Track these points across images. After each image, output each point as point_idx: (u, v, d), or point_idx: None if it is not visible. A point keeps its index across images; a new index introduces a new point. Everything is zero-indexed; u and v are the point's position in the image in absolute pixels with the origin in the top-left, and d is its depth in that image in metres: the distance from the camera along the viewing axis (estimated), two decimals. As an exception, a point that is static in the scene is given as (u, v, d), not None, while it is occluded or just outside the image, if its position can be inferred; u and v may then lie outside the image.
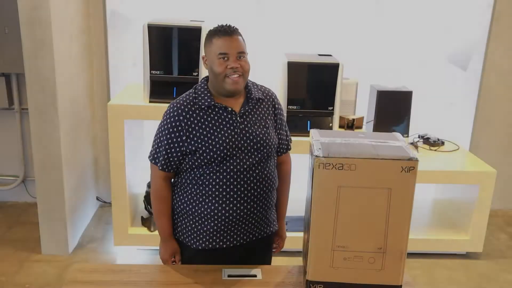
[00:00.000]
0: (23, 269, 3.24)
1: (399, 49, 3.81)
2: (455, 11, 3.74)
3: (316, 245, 1.71)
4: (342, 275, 1.73)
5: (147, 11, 3.64)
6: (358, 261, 1.71)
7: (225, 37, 1.84)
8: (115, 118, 3.11)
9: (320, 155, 1.61)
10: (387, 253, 1.70)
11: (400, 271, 1.72)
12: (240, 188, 1.90)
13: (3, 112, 3.92)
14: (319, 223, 1.69)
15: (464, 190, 3.53)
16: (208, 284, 1.87)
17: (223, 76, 1.85)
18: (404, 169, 1.61)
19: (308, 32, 3.73)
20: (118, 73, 3.78)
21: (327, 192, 1.65)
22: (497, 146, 4.21)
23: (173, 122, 1.88)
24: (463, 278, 3.34)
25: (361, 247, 1.70)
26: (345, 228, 1.68)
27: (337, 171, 1.62)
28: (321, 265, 1.73)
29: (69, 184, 3.36)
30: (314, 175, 1.63)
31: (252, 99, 1.94)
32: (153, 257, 3.42)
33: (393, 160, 1.61)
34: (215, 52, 1.84)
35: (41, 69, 3.06)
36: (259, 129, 1.93)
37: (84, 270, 1.95)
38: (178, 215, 2.01)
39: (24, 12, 2.96)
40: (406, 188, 1.63)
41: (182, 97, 1.94)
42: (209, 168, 1.89)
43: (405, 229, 1.68)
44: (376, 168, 1.62)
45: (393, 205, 1.65)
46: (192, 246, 1.99)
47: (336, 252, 1.71)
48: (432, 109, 3.95)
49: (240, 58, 1.85)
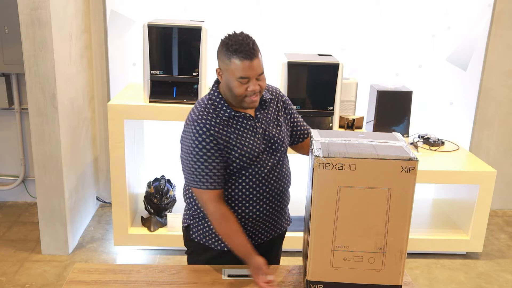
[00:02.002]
0: (23, 269, 3.24)
1: (399, 49, 3.81)
2: (455, 11, 3.74)
3: (316, 245, 1.71)
4: (342, 275, 1.73)
5: (147, 11, 3.64)
6: (358, 261, 1.71)
7: (246, 61, 1.78)
8: (115, 118, 3.11)
9: (320, 155, 1.61)
10: (387, 253, 1.70)
11: (400, 271, 1.72)
12: (265, 189, 1.94)
13: (3, 112, 3.92)
14: (319, 223, 1.69)
15: (464, 190, 3.53)
16: (208, 284, 1.87)
17: (242, 97, 1.84)
18: (404, 169, 1.61)
19: (308, 32, 3.73)
20: (118, 73, 3.78)
21: (327, 192, 1.64)
22: (497, 146, 4.21)
23: (206, 138, 1.83)
24: (463, 278, 3.34)
25: (361, 247, 1.70)
26: (345, 228, 1.68)
27: (337, 171, 1.62)
28: (321, 265, 1.73)
29: (69, 184, 3.36)
30: (314, 175, 1.63)
31: (265, 101, 1.96)
32: (153, 257, 3.42)
33: (393, 160, 1.61)
34: (235, 75, 1.81)
35: (41, 69, 3.06)
36: (274, 129, 1.96)
37: (84, 270, 1.95)
38: (199, 218, 2.00)
39: (24, 12, 2.96)
40: (406, 188, 1.63)
41: (199, 111, 1.87)
42: (235, 174, 1.91)
43: (405, 229, 1.68)
44: (376, 168, 1.62)
45: (393, 205, 1.64)
46: (216, 248, 1.99)
47: (336, 252, 1.71)
48: (432, 109, 3.95)
49: (259, 79, 1.84)
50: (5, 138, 3.99)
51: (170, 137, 3.88)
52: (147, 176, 3.72)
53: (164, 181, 3.52)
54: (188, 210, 2.06)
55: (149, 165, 3.89)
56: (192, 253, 2.09)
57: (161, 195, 3.44)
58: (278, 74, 3.23)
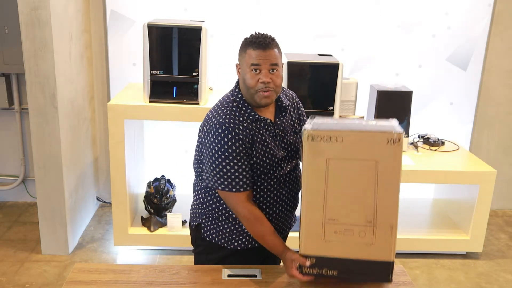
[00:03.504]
0: (23, 269, 3.24)
1: (399, 49, 3.81)
2: (455, 11, 3.74)
3: (308, 218, 1.74)
4: (333, 249, 1.75)
5: (147, 11, 3.64)
6: (349, 234, 1.73)
7: (259, 49, 1.80)
8: (115, 118, 3.11)
9: (309, 128, 1.67)
10: (377, 226, 1.72)
11: (391, 246, 1.73)
12: (282, 191, 1.96)
13: (3, 112, 3.92)
14: (309, 196, 1.73)
15: (464, 190, 3.53)
16: (208, 284, 1.87)
17: (254, 90, 1.84)
18: (389, 141, 1.65)
19: (308, 32, 3.73)
20: (118, 73, 3.78)
21: (317, 164, 1.69)
22: (497, 146, 4.21)
23: (236, 143, 1.82)
24: (463, 278, 3.34)
25: (351, 220, 1.73)
26: (335, 201, 1.71)
27: (325, 144, 1.67)
28: (313, 239, 1.75)
29: (69, 184, 3.36)
30: (303, 148, 1.69)
31: (284, 108, 1.97)
32: (153, 257, 3.42)
33: (378, 132, 1.67)
34: (248, 63, 1.82)
35: (41, 69, 3.06)
36: (291, 136, 1.98)
37: (84, 270, 1.95)
38: (213, 218, 2.00)
39: (24, 12, 2.96)
40: (393, 161, 1.67)
41: (224, 113, 1.86)
42: (254, 178, 1.91)
43: (394, 202, 1.70)
44: (362, 140, 1.67)
45: (380, 178, 1.68)
46: (229, 247, 2.00)
47: (327, 225, 1.73)
48: (432, 109, 3.95)
49: (272, 72, 1.83)
50: (5, 138, 3.99)
51: (170, 137, 3.89)
52: (147, 176, 3.72)
53: (164, 181, 3.52)
54: (200, 209, 2.04)
55: (149, 165, 3.89)
56: (202, 252, 2.09)
57: (161, 195, 3.44)
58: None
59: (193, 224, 2.09)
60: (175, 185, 3.61)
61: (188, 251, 3.32)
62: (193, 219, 2.08)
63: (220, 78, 3.57)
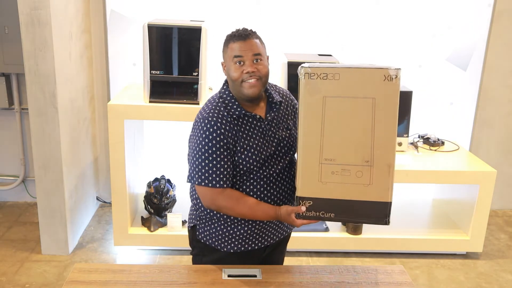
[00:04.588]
0: (23, 269, 3.24)
1: (399, 49, 3.81)
2: (455, 11, 3.74)
3: (304, 159, 1.70)
4: (330, 191, 1.71)
5: (147, 11, 3.64)
6: (346, 175, 1.70)
7: (240, 41, 1.81)
8: (115, 118, 3.11)
9: (306, 66, 1.65)
10: (374, 166, 1.69)
11: (388, 186, 1.70)
12: (273, 192, 1.92)
13: (3, 112, 3.92)
14: (306, 136, 1.69)
15: (464, 190, 3.53)
16: (208, 284, 1.87)
17: (240, 82, 1.82)
18: (387, 78, 1.64)
19: (308, 32, 3.73)
20: (118, 73, 3.78)
21: (313, 102, 1.66)
22: (497, 146, 4.21)
23: (216, 137, 1.81)
24: (463, 278, 3.34)
25: (348, 160, 1.69)
26: (332, 140, 1.68)
27: (321, 81, 1.65)
28: (309, 180, 1.71)
29: (69, 184, 3.36)
30: (300, 86, 1.66)
31: (275, 104, 1.94)
32: (153, 257, 3.42)
33: (375, 68, 1.64)
34: (231, 56, 1.83)
35: (41, 69, 3.06)
36: (284, 133, 1.94)
37: (84, 270, 1.95)
38: (206, 219, 1.99)
39: (24, 12, 2.96)
40: (390, 98, 1.65)
41: (209, 108, 1.86)
42: (242, 177, 1.89)
43: (391, 141, 1.68)
44: (359, 77, 1.64)
45: (378, 116, 1.65)
46: (223, 250, 1.99)
47: (324, 166, 1.70)
48: (432, 109, 3.95)
49: (256, 62, 1.82)
50: (5, 138, 3.99)
51: (170, 137, 3.88)
52: (147, 176, 3.72)
53: (164, 181, 3.52)
54: (195, 210, 2.04)
55: (149, 165, 3.89)
56: (198, 254, 2.08)
57: (161, 195, 3.44)
58: (278, 74, 3.23)
59: (189, 225, 2.09)
60: (175, 185, 3.61)
61: (188, 251, 3.32)
62: (190, 221, 2.09)
63: (220, 78, 3.56)
